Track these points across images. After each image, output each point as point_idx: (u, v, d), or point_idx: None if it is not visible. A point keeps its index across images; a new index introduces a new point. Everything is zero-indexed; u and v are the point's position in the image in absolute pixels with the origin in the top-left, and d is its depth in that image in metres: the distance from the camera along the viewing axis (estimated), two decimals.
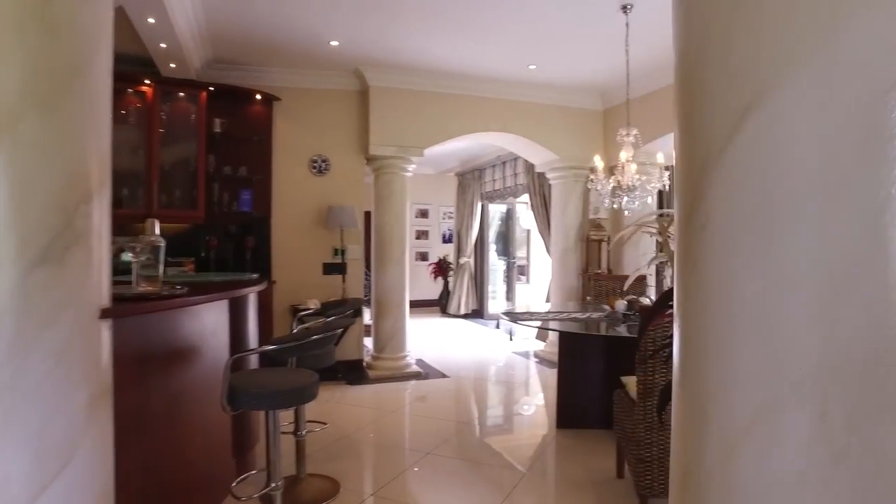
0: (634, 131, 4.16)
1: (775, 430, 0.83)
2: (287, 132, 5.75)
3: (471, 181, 10.49)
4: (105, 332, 1.63)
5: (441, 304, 11.31)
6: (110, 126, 1.74)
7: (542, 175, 7.72)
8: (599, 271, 6.51)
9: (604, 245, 6.57)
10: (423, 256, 12.40)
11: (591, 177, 4.36)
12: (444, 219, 12.55)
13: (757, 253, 0.83)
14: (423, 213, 12.46)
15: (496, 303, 10.93)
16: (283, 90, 5.66)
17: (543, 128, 6.48)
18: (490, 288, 10.71)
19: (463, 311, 10.62)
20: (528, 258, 11.88)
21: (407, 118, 5.92)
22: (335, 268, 5.89)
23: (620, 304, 3.99)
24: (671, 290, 1.64)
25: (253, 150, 5.50)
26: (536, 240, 11.88)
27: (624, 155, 4.11)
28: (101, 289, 1.63)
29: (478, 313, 10.70)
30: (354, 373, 5.81)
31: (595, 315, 4.13)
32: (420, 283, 12.12)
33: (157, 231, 2.18)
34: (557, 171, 6.75)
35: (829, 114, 0.78)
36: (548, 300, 7.41)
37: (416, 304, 12.32)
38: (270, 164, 5.63)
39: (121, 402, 1.74)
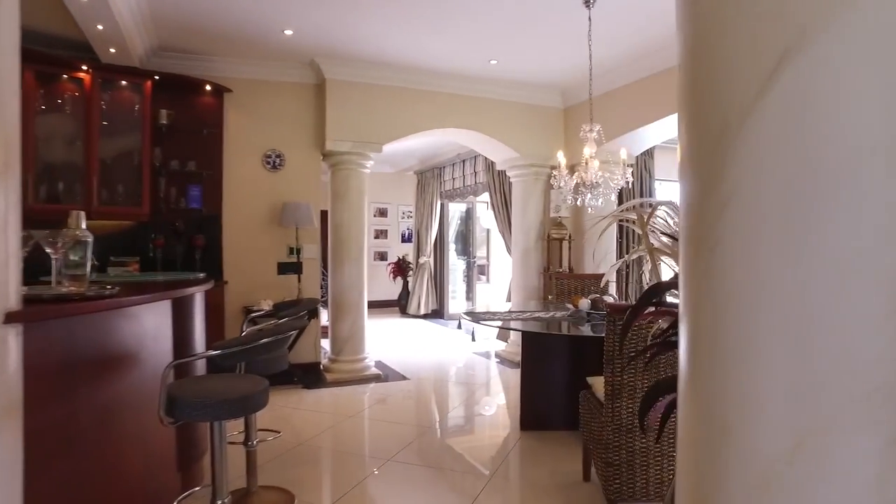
0: (598, 127, 4.09)
1: (831, 459, 0.65)
2: (239, 125, 5.49)
3: (430, 179, 10.35)
4: (12, 339, 1.41)
5: (401, 305, 11.14)
6: (17, 106, 1.52)
7: (502, 173, 7.64)
8: (561, 270, 6.46)
9: (565, 244, 6.52)
10: (382, 256, 12.20)
11: (554, 173, 4.28)
12: (403, 218, 12.38)
13: (797, 234, 0.68)
14: (382, 212, 12.26)
15: (456, 303, 10.82)
16: (235, 81, 5.40)
17: (504, 125, 6.39)
18: (450, 288, 10.59)
19: (423, 312, 10.47)
20: (487, 258, 11.82)
21: (365, 113, 5.74)
22: (290, 267, 5.65)
23: (584, 303, 3.92)
24: (657, 285, 1.53)
25: (202, 143, 5.22)
26: (496, 239, 11.83)
27: (588, 151, 4.04)
28: (7, 289, 1.42)
29: (438, 313, 10.57)
30: (311, 376, 5.59)
31: (558, 314, 4.04)
32: (379, 283, 11.92)
33: (84, 225, 1.95)
34: (518, 168, 6.67)
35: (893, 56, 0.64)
36: (509, 300, 7.32)
37: (376, 305, 12.12)
38: (221, 159, 5.36)
39: (37, 418, 1.52)
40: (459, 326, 8.80)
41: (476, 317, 3.83)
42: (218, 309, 5.22)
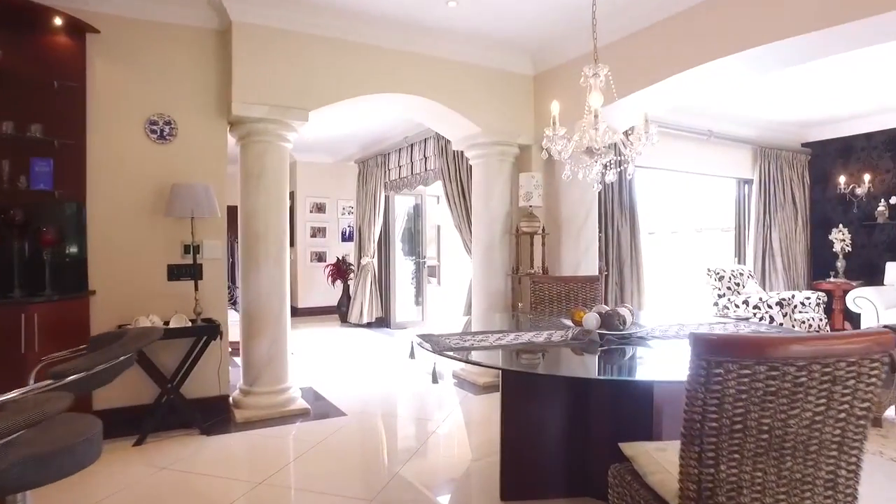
0: (605, 70, 2.92)
1: None
2: (112, 80, 4.06)
3: (373, 168, 9.04)
4: None
5: (341, 312, 9.77)
6: None
7: (459, 156, 6.44)
8: (533, 271, 5.30)
9: (537, 239, 5.37)
10: (319, 257, 10.81)
11: (547, 132, 3.08)
12: (343, 214, 11.03)
13: None
14: (320, 208, 10.88)
15: (404, 308, 9.55)
16: (105, 19, 3.97)
17: (463, 93, 5.19)
18: (397, 292, 9.31)
19: (366, 320, 9.15)
20: (439, 258, 10.60)
21: (285, 69, 4.41)
22: (185, 271, 4.26)
23: (590, 320, 2.74)
24: None
25: (54, 101, 3.77)
26: (448, 238, 10.63)
27: (596, 100, 2.84)
28: None
29: (383, 322, 9.27)
30: (214, 416, 4.21)
31: (555, 336, 2.85)
32: (317, 287, 10.53)
33: None
34: (479, 147, 5.48)
35: None
36: (469, 311, 6.10)
37: (312, 313, 10.71)
38: (84, 124, 3.93)
39: None
40: (412, 355, 7.16)
41: (437, 344, 2.60)
42: (80, 329, 3.80)
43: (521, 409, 2.90)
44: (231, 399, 4.50)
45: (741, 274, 6.97)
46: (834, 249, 7.73)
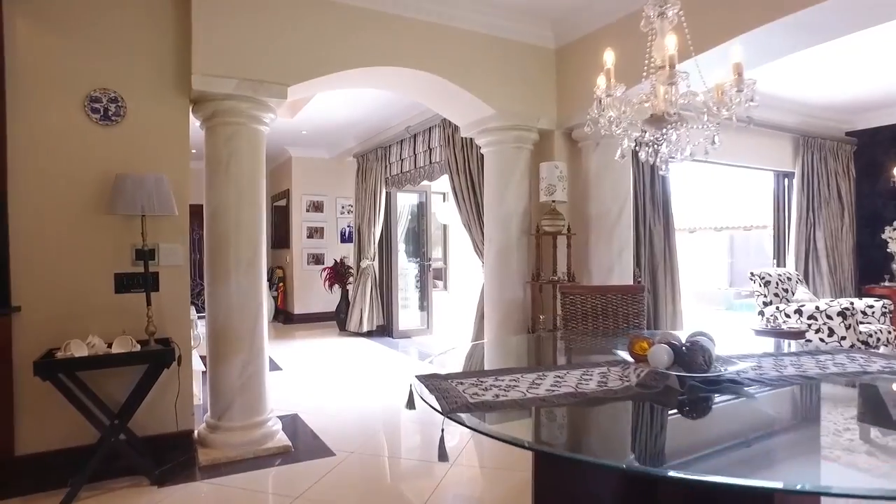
0: (676, 7, 2.10)
1: None
2: (39, 46, 3.29)
3: (373, 163, 8.25)
4: None
5: (339, 320, 8.99)
6: None
7: (468, 145, 5.64)
8: (555, 278, 4.51)
9: (561, 240, 4.58)
10: (317, 259, 10.04)
11: (597, 91, 2.25)
12: (342, 213, 10.26)
13: None
14: (317, 206, 10.11)
15: (408, 315, 8.76)
16: None
17: (474, 68, 4.39)
18: (399, 298, 8.52)
19: (366, 328, 8.36)
20: (445, 260, 9.83)
21: (260, 34, 3.63)
22: (137, 281, 3.49)
23: (661, 355, 1.94)
24: None
25: None
26: (456, 237, 9.85)
27: (673, 41, 2.02)
28: None
29: (385, 330, 8.49)
30: (173, 458, 3.43)
31: (612, 378, 2.05)
32: (313, 292, 9.76)
33: None
34: (493, 133, 4.68)
35: None
36: (481, 323, 5.27)
37: (309, 319, 9.94)
38: (3, 101, 3.16)
39: None
40: (410, 405, 6.01)
41: (445, 394, 1.79)
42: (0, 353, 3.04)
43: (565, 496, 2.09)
44: (196, 434, 3.73)
45: (788, 278, 6.14)
46: (889, 249, 6.89)
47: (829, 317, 5.22)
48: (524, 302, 4.67)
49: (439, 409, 1.68)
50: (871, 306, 5.66)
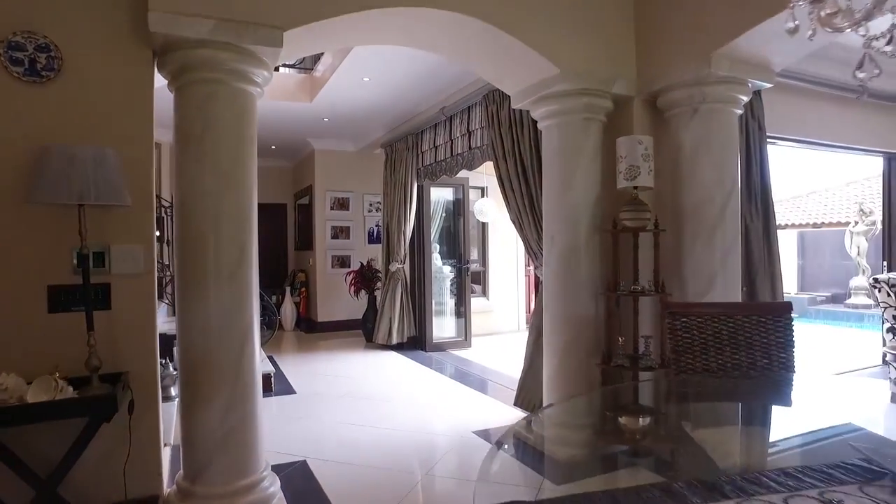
0: None
1: None
2: None
3: (403, 152, 7.27)
4: None
5: (366, 329, 8.03)
6: None
7: (517, 123, 4.59)
8: (639, 287, 3.43)
9: (645, 238, 3.50)
10: (342, 262, 9.12)
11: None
12: (370, 211, 9.32)
13: None
14: (342, 204, 9.19)
15: (443, 326, 7.76)
16: None
17: (535, 13, 3.35)
18: (433, 305, 7.51)
19: (395, 340, 7.38)
20: (484, 262, 8.79)
21: None
22: (76, 298, 2.55)
23: None
24: None
25: None
26: (498, 237, 8.80)
27: None
28: None
29: (416, 342, 7.49)
30: None
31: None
32: (339, 298, 8.84)
33: None
34: (556, 101, 3.63)
35: None
36: (536, 345, 4.11)
37: (334, 328, 9.00)
38: None
39: None
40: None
41: None
42: None
43: None
44: (160, 499, 2.77)
45: None
46: None
47: None
48: (597, 319, 3.60)
49: None
50: None
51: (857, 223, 11.93)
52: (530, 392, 4.28)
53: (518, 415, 4.42)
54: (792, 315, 2.40)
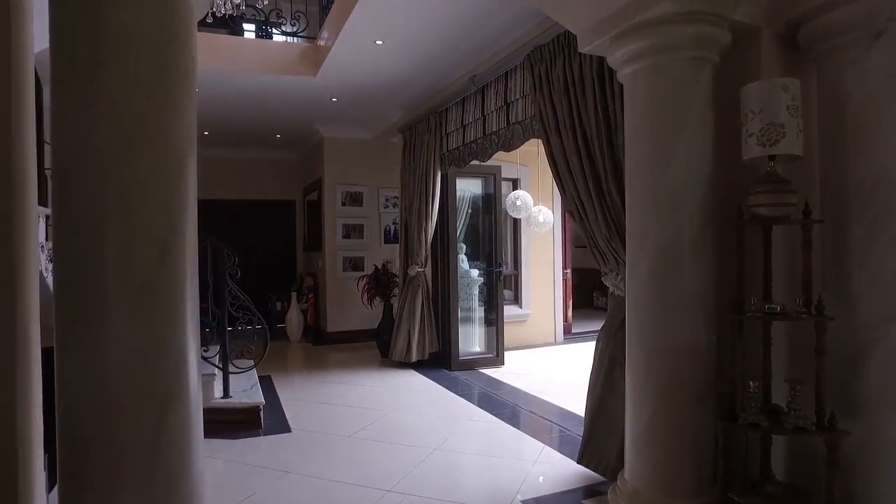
0: None
1: None
2: None
3: (423, 135, 6.16)
4: None
5: (381, 343, 6.93)
6: None
7: (578, 85, 3.43)
8: (777, 307, 2.28)
9: (788, 233, 2.35)
10: (355, 264, 8.05)
11: None
12: (386, 207, 8.25)
13: None
14: (355, 199, 8.13)
15: (471, 339, 6.64)
16: None
17: None
18: (459, 316, 6.39)
19: (415, 357, 6.27)
20: (517, 266, 7.65)
21: None
22: None
23: None
24: None
25: None
26: (534, 237, 7.62)
27: None
28: None
29: (440, 359, 6.38)
30: None
31: None
32: (351, 305, 7.76)
33: None
34: (648, 34, 2.49)
35: None
36: (608, 380, 2.86)
37: (345, 339, 7.86)
38: None
39: None
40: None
41: None
42: None
43: None
44: None
45: None
46: None
47: None
48: (708, 350, 2.47)
49: None
50: None
51: None
52: (601, 444, 3.14)
53: (581, 473, 3.28)
54: None
